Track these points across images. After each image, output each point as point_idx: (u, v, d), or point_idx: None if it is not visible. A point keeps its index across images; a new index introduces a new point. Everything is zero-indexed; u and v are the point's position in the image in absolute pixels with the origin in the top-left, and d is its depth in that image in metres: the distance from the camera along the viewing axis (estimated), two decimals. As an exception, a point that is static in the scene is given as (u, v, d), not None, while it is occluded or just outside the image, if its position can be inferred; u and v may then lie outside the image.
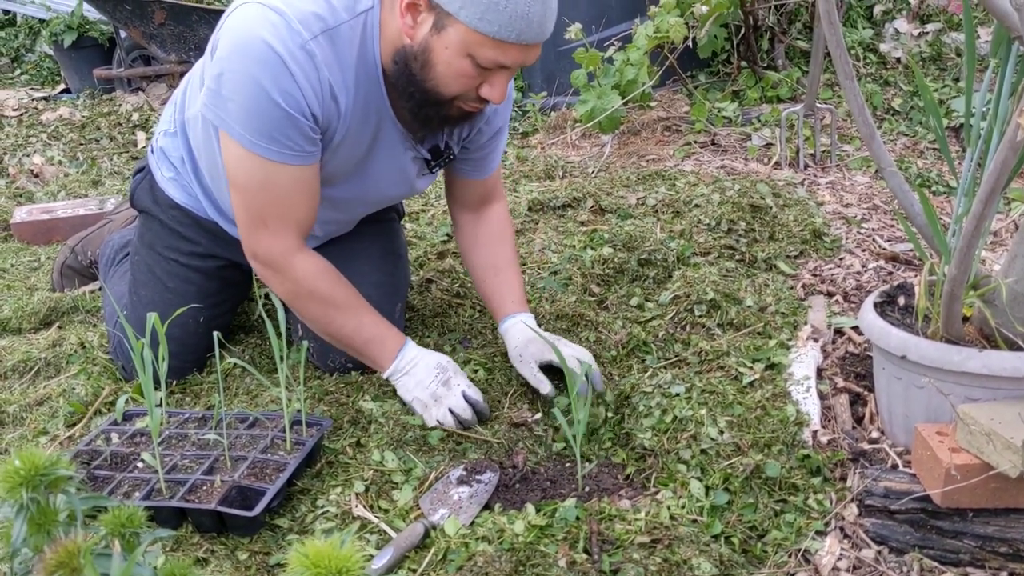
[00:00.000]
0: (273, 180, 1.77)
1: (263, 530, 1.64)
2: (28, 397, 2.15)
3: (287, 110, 1.68)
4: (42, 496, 0.96)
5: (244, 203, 1.83)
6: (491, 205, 2.23)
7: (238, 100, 1.69)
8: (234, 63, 1.67)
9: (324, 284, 1.90)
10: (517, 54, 1.66)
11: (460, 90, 1.72)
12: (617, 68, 3.83)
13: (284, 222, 1.84)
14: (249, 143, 1.72)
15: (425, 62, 1.69)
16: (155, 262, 2.17)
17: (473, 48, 1.63)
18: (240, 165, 1.77)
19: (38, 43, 7.51)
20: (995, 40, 1.56)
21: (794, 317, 2.27)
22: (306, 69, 1.68)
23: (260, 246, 1.86)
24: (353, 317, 1.94)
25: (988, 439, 1.48)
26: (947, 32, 4.31)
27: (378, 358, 1.97)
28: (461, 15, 1.60)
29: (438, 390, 1.91)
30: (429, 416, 1.90)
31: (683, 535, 1.58)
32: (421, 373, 1.93)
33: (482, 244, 2.20)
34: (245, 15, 1.68)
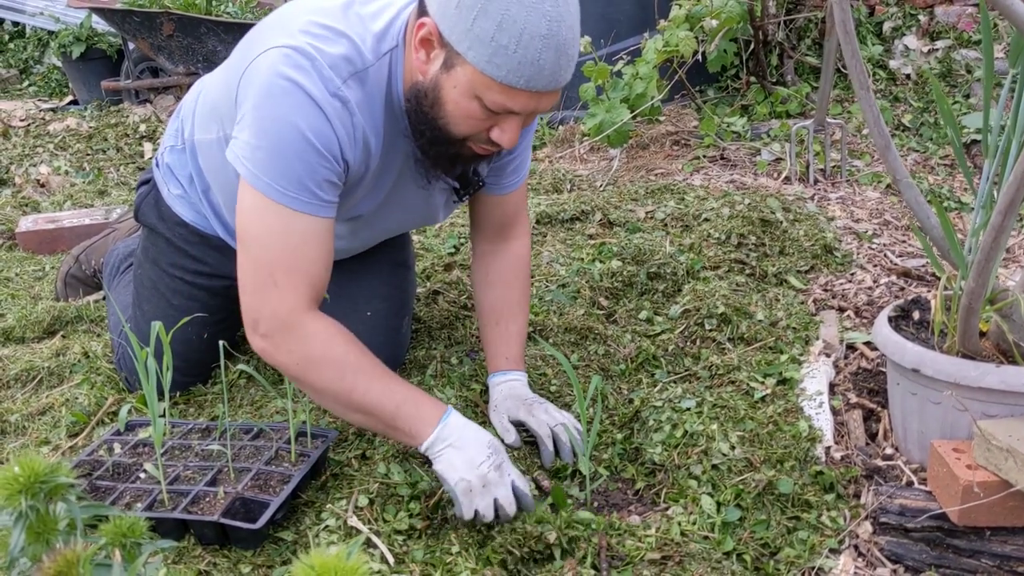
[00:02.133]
0: (291, 231, 1.64)
1: (266, 543, 1.61)
2: (30, 406, 2.12)
3: (322, 152, 1.60)
4: (41, 504, 0.94)
5: (253, 259, 1.66)
6: (511, 240, 2.07)
7: (270, 145, 1.59)
8: (267, 108, 1.59)
9: (336, 344, 1.66)
10: (527, 101, 1.55)
11: (469, 131, 1.62)
12: (626, 82, 3.82)
13: (295, 278, 1.65)
14: (277, 193, 1.60)
15: (435, 100, 1.60)
16: (159, 278, 2.13)
17: (480, 91, 1.53)
18: (258, 217, 1.64)
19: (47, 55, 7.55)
20: (1014, 50, 1.54)
21: (805, 332, 2.24)
22: (341, 115, 1.60)
23: (265, 308, 1.65)
24: (378, 380, 1.67)
25: (1007, 456, 1.45)
26: (957, 49, 4.30)
27: (414, 424, 1.66)
28: (469, 56, 1.50)
29: (490, 474, 1.62)
30: (468, 503, 1.60)
31: (694, 552, 1.56)
32: (473, 450, 1.64)
33: (492, 284, 2.06)
34: (272, 60, 1.60)
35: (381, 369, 1.69)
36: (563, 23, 1.48)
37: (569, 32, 1.51)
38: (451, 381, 2.07)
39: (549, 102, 1.59)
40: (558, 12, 1.48)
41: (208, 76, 2.01)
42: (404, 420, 1.66)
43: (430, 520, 1.67)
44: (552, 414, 1.90)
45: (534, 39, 1.46)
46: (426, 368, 2.14)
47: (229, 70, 1.77)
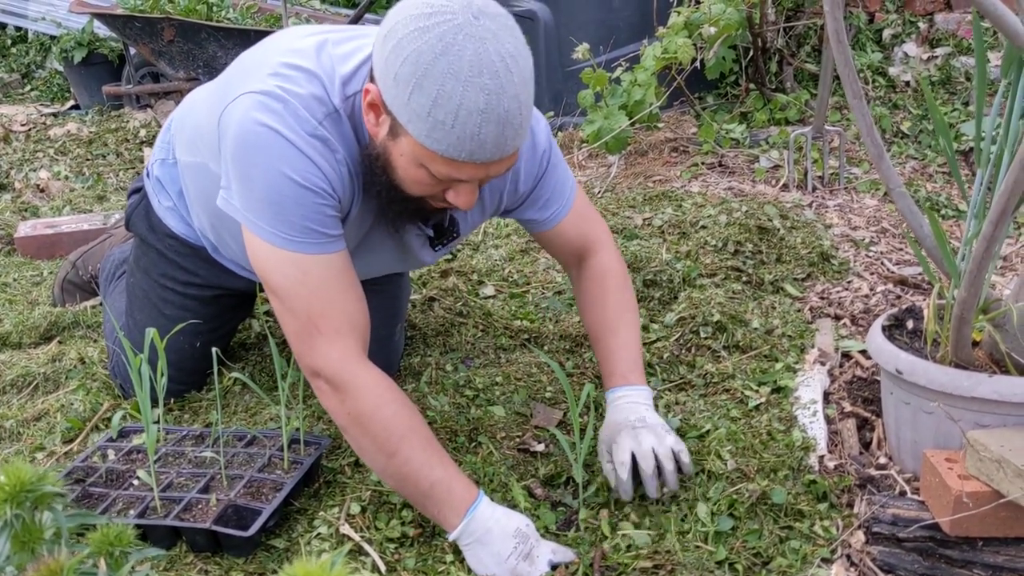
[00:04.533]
0: (311, 274, 1.61)
1: (258, 550, 1.61)
2: (26, 412, 2.13)
3: (314, 191, 1.57)
4: (27, 513, 0.94)
5: (289, 309, 1.62)
6: (589, 259, 1.99)
7: (260, 195, 1.57)
8: (250, 159, 1.57)
9: (390, 406, 1.61)
10: (473, 171, 1.50)
11: (423, 194, 1.60)
12: (624, 89, 3.82)
13: (336, 323, 1.61)
14: (281, 240, 1.58)
15: (386, 164, 1.57)
16: (151, 288, 2.12)
17: (425, 161, 1.49)
18: (272, 266, 1.61)
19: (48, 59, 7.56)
20: (1006, 60, 1.54)
21: (801, 340, 2.24)
22: (323, 153, 1.58)
23: (318, 357, 1.61)
24: (420, 452, 1.60)
25: (999, 466, 1.44)
26: (957, 56, 4.30)
27: (443, 511, 1.60)
28: (410, 128, 1.46)
29: (519, 566, 1.55)
30: None
31: (686, 561, 1.55)
32: (497, 544, 1.56)
33: (586, 308, 1.99)
34: (245, 108, 1.58)
35: (426, 440, 1.62)
36: (504, 95, 1.42)
37: (512, 103, 1.44)
38: (445, 388, 2.07)
39: (500, 168, 1.53)
40: (497, 84, 1.41)
41: (198, 91, 1.99)
42: (434, 503, 1.60)
43: (422, 528, 1.66)
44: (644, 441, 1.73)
45: (472, 114, 1.41)
46: (421, 375, 2.15)
47: (215, 97, 1.74)
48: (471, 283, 2.68)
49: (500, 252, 2.88)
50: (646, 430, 1.75)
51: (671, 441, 1.74)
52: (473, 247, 2.99)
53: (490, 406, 2.03)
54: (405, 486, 1.61)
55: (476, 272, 2.74)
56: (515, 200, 1.90)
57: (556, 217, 1.93)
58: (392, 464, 1.59)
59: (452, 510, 1.58)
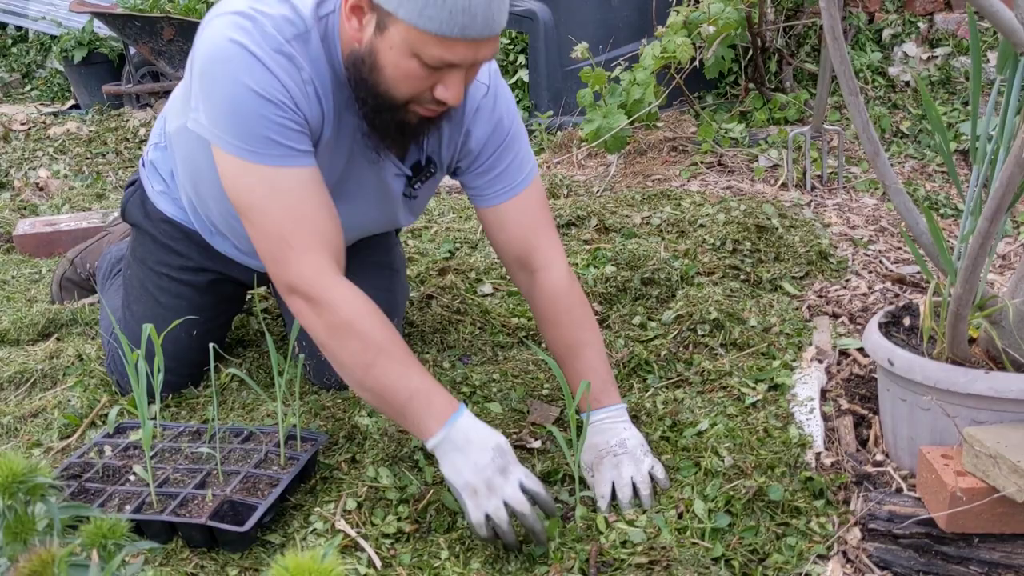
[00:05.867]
0: (279, 189, 1.63)
1: (254, 546, 1.61)
2: (23, 408, 2.12)
3: (274, 103, 1.60)
4: (20, 504, 0.94)
5: (260, 227, 1.65)
6: (535, 272, 1.93)
7: (226, 108, 1.60)
8: (214, 72, 1.61)
9: (366, 318, 1.63)
10: (465, 51, 1.54)
11: (412, 92, 1.61)
12: (624, 88, 3.82)
13: (308, 238, 1.64)
14: (245, 151, 1.61)
15: (373, 65, 1.59)
16: (147, 277, 2.14)
17: (417, 47, 1.52)
18: (242, 183, 1.65)
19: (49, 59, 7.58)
20: (1001, 57, 1.54)
21: (799, 338, 2.24)
22: (287, 68, 1.61)
23: (292, 273, 1.63)
24: (399, 364, 1.62)
25: (994, 462, 1.44)
26: (956, 56, 4.30)
27: (422, 419, 1.61)
28: (400, 13, 1.50)
29: (493, 478, 1.56)
30: (477, 507, 1.56)
31: (682, 557, 1.55)
32: (476, 454, 1.58)
33: (544, 326, 1.95)
34: (216, 27, 1.62)
35: (403, 352, 1.64)
36: None
37: None
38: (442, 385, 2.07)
39: (488, 50, 1.57)
40: None
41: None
42: (413, 413, 1.61)
43: (418, 524, 1.66)
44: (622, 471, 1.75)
45: None
46: (418, 372, 2.14)
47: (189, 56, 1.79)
48: (469, 281, 2.68)
49: (498, 250, 2.88)
50: (626, 456, 1.76)
51: (647, 465, 1.76)
52: (471, 245, 2.99)
53: (487, 403, 2.03)
54: (384, 398, 1.63)
55: (474, 270, 2.74)
56: (466, 155, 1.90)
57: (500, 194, 1.92)
58: (370, 376, 1.61)
59: (432, 418, 1.60)
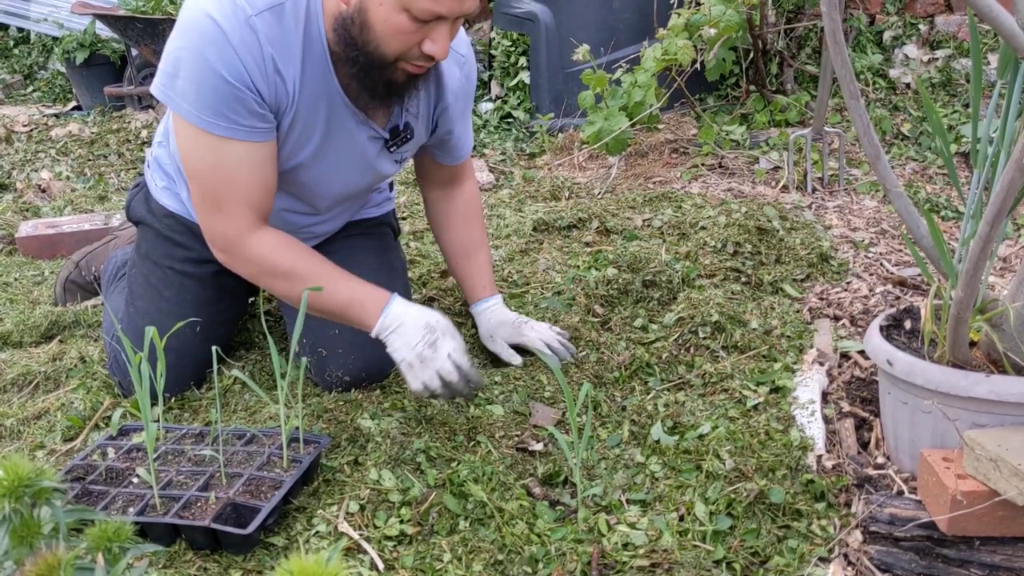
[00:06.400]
0: (223, 158, 1.77)
1: (257, 548, 1.62)
2: (26, 411, 2.13)
3: (232, 83, 1.70)
4: (25, 508, 0.94)
5: (198, 187, 1.83)
6: (460, 184, 2.28)
7: (185, 75, 1.71)
8: (182, 39, 1.71)
9: (283, 258, 1.86)
10: (451, 3, 1.63)
11: (401, 48, 1.70)
12: (625, 90, 3.83)
13: (237, 204, 1.82)
14: (197, 118, 1.73)
15: (363, 23, 1.68)
16: (150, 271, 2.17)
17: (407, 2, 1.62)
18: (191, 146, 1.79)
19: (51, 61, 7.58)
20: (1002, 61, 1.55)
21: (800, 340, 2.24)
22: (248, 43, 1.69)
23: (216, 230, 1.85)
24: (325, 283, 1.85)
25: (995, 466, 1.45)
26: (957, 58, 4.30)
27: (361, 318, 1.88)
28: None
29: (424, 351, 1.83)
30: (415, 378, 1.83)
31: (683, 560, 1.56)
32: (409, 332, 1.84)
33: (452, 225, 2.29)
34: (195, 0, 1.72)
35: (328, 271, 1.88)
36: None
37: None
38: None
39: (471, 2, 1.67)
40: None
41: None
42: (353, 317, 1.89)
43: (421, 526, 1.67)
44: (539, 329, 2.21)
45: None
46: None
47: None
48: (471, 283, 2.68)
49: (500, 252, 2.88)
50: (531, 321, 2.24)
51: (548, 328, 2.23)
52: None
53: (489, 405, 2.03)
54: (324, 312, 1.90)
55: (476, 272, 2.74)
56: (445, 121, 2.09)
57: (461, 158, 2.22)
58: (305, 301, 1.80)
59: (367, 315, 1.87)
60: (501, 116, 5.04)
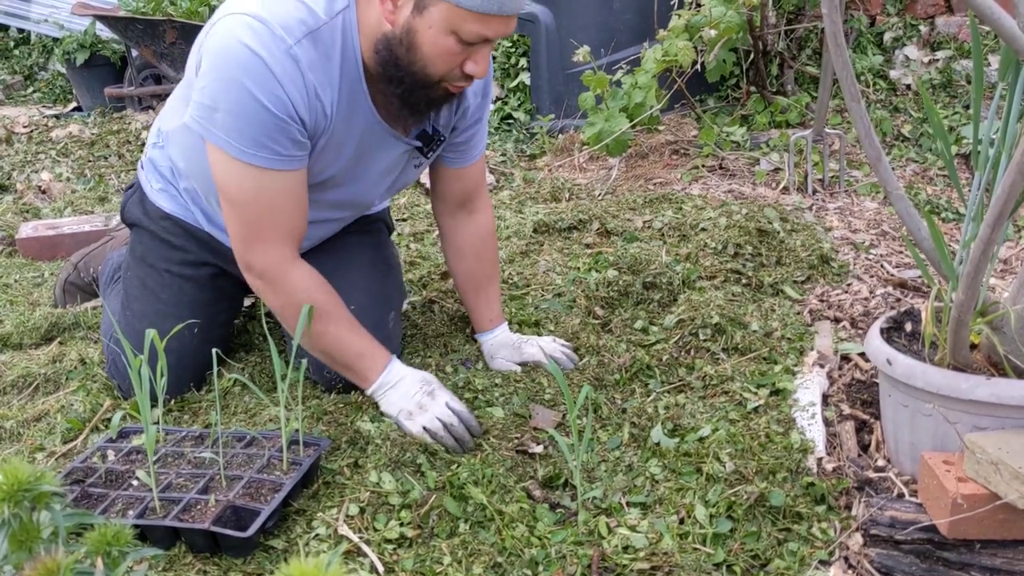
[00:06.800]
0: (265, 189, 1.79)
1: (257, 551, 1.61)
2: (26, 413, 2.13)
3: (276, 114, 1.71)
4: (25, 512, 0.94)
5: (238, 215, 1.83)
6: (475, 213, 2.25)
7: (226, 108, 1.72)
8: (220, 72, 1.70)
9: (318, 295, 1.90)
10: (499, 26, 1.70)
11: (446, 68, 1.75)
12: (625, 91, 3.83)
13: (278, 232, 1.85)
14: (239, 152, 1.74)
15: (410, 44, 1.71)
16: (147, 274, 2.17)
17: (457, 24, 1.67)
18: (230, 176, 1.79)
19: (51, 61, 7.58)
20: (1003, 63, 1.54)
21: (800, 343, 2.24)
22: (291, 74, 1.71)
23: (255, 258, 1.86)
24: (346, 330, 1.94)
25: (996, 469, 1.45)
26: (957, 59, 4.30)
27: (365, 372, 1.95)
28: None
29: (423, 400, 1.91)
30: (414, 424, 1.88)
31: (683, 563, 1.56)
32: (406, 385, 1.93)
33: (464, 257, 2.26)
34: (227, 26, 1.71)
35: (349, 319, 1.95)
36: None
37: None
38: (445, 390, 2.07)
39: (513, 25, 1.74)
40: None
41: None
42: (359, 368, 1.95)
43: (420, 529, 1.67)
44: (540, 344, 2.22)
45: None
46: (420, 377, 2.15)
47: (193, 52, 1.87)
48: (471, 285, 2.68)
49: (501, 254, 2.88)
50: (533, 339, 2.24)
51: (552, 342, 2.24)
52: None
53: (489, 407, 2.03)
54: (333, 357, 1.96)
55: (476, 274, 2.74)
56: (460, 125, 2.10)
57: (473, 158, 2.19)
58: (323, 341, 1.93)
59: (372, 370, 1.95)
60: (501, 117, 5.04)
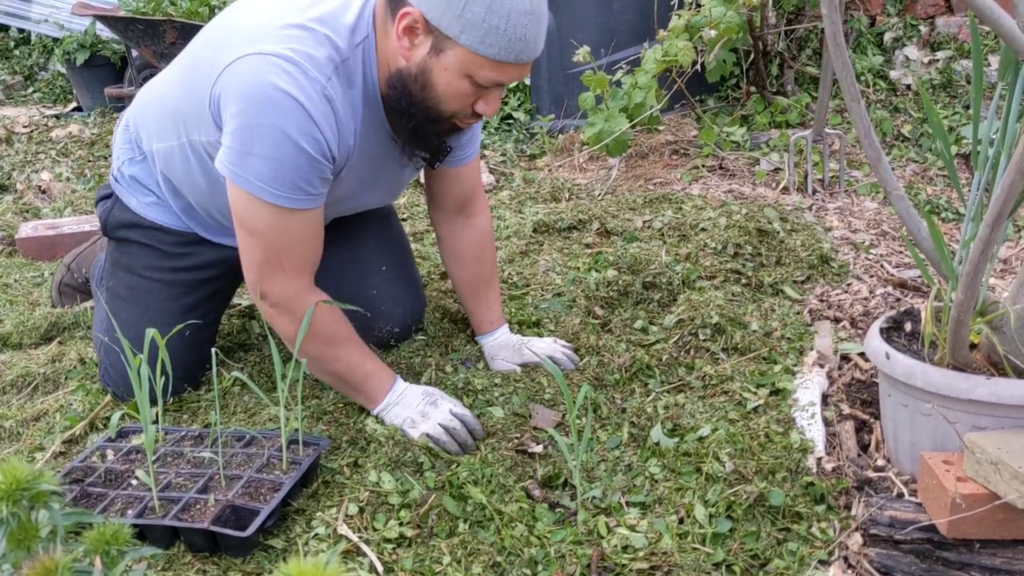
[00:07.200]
0: (289, 225, 1.79)
1: (256, 551, 1.61)
2: (25, 412, 2.13)
3: (313, 156, 1.72)
4: (23, 511, 0.94)
5: (260, 247, 1.81)
6: (473, 216, 2.25)
7: (261, 153, 1.69)
8: (256, 117, 1.67)
9: (329, 322, 1.91)
10: (514, 72, 1.72)
11: (458, 108, 1.77)
12: (625, 91, 3.82)
13: (299, 264, 1.85)
14: (270, 195, 1.73)
15: (425, 83, 1.73)
16: (136, 283, 2.13)
17: (472, 70, 1.68)
18: (255, 213, 1.77)
19: (51, 61, 7.58)
20: (1003, 63, 1.54)
21: (800, 342, 2.24)
22: (327, 115, 1.71)
23: (274, 288, 1.84)
24: (355, 353, 1.96)
25: (995, 468, 1.45)
26: (957, 60, 4.30)
27: (374, 393, 1.97)
28: (462, 39, 1.64)
29: (426, 409, 1.93)
30: (417, 432, 1.89)
31: (683, 562, 1.56)
32: (409, 398, 1.95)
33: (464, 263, 2.27)
34: (255, 68, 1.67)
35: (359, 344, 1.98)
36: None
37: (544, 5, 1.69)
38: (445, 389, 2.07)
39: (529, 69, 1.75)
40: None
41: (155, 83, 2.07)
42: (368, 388, 1.97)
43: (420, 529, 1.67)
44: (540, 345, 2.23)
45: (520, 16, 1.63)
46: (421, 376, 2.15)
47: (190, 74, 1.85)
48: (471, 285, 2.68)
49: (500, 254, 2.88)
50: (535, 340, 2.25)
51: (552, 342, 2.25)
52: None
53: (489, 407, 2.03)
54: (343, 379, 1.97)
55: (476, 274, 2.74)
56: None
57: (468, 157, 2.17)
58: (334, 367, 1.95)
59: (381, 390, 1.97)
60: (501, 117, 5.04)
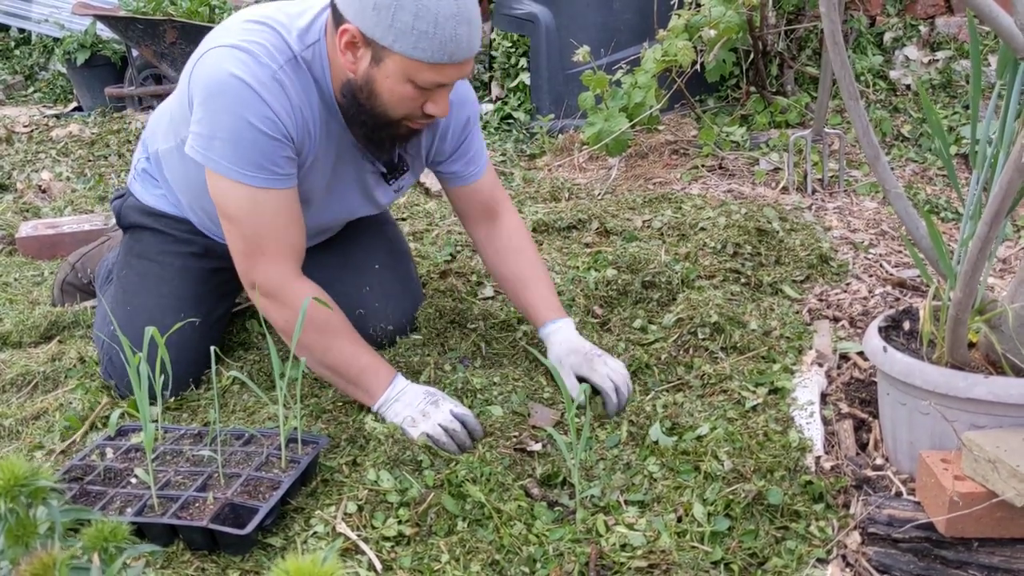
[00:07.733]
0: (262, 206, 1.87)
1: (255, 549, 1.62)
2: (25, 411, 2.13)
3: (269, 134, 1.81)
4: (21, 507, 0.94)
5: (239, 232, 1.90)
6: (499, 218, 2.28)
7: (223, 136, 1.81)
8: (214, 102, 1.81)
9: (321, 311, 1.93)
10: (453, 72, 1.79)
11: (406, 112, 1.85)
12: (625, 91, 3.83)
13: (280, 247, 1.91)
14: (239, 175, 1.83)
15: (370, 92, 1.82)
16: (148, 269, 2.21)
17: (412, 74, 1.75)
18: (229, 196, 1.87)
19: (51, 61, 7.58)
20: (1001, 62, 1.55)
21: (799, 342, 2.24)
22: (278, 96, 1.81)
23: (259, 274, 1.91)
24: (350, 344, 1.97)
25: (993, 467, 1.45)
26: (957, 60, 4.30)
27: (372, 387, 1.97)
28: (396, 47, 1.72)
29: (427, 408, 1.92)
30: (417, 431, 1.89)
31: (681, 561, 1.56)
32: (410, 396, 1.95)
33: (503, 259, 2.27)
34: (214, 59, 1.82)
35: (353, 335, 1.99)
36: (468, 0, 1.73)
37: (472, 4, 1.75)
38: (443, 388, 2.07)
39: (469, 67, 1.82)
40: None
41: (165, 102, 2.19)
42: (365, 381, 1.97)
43: (419, 527, 1.67)
44: (612, 366, 2.10)
45: (448, 20, 1.70)
46: (419, 375, 2.15)
47: (183, 78, 1.97)
48: (470, 284, 2.69)
49: (499, 253, 2.88)
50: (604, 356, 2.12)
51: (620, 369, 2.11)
52: (472, 248, 3.00)
53: (488, 406, 2.03)
54: (339, 371, 1.97)
55: (475, 273, 2.75)
56: (441, 152, 2.17)
57: (476, 174, 2.23)
58: (327, 358, 1.95)
59: (379, 385, 1.96)
60: (501, 117, 5.04)
